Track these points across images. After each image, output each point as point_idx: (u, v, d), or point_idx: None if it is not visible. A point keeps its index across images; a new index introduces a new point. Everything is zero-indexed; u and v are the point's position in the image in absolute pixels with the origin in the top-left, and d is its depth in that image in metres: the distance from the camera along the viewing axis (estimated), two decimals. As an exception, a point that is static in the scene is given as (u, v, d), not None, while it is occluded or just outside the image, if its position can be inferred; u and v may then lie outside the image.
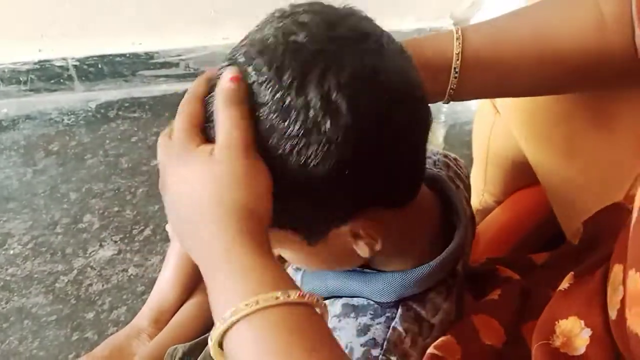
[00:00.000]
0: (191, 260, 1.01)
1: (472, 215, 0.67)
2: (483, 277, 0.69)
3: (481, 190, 0.93)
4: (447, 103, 0.56)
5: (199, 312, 0.95)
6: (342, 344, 0.53)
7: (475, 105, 1.21)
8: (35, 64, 1.43)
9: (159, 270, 1.02)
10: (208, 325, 0.95)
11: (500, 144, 0.80)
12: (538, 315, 0.58)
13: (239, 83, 0.41)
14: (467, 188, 0.68)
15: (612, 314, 0.47)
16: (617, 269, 0.48)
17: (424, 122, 0.46)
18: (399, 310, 0.53)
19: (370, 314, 0.54)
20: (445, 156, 0.68)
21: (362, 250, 0.49)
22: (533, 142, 0.69)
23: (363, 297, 0.55)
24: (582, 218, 0.62)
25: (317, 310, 0.39)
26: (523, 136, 0.70)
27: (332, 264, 0.56)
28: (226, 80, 0.41)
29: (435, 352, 0.53)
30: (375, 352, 0.51)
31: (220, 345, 0.39)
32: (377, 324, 0.53)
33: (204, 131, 0.44)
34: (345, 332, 0.54)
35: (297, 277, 0.63)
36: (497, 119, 0.77)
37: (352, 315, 0.55)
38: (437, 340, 0.55)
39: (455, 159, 0.69)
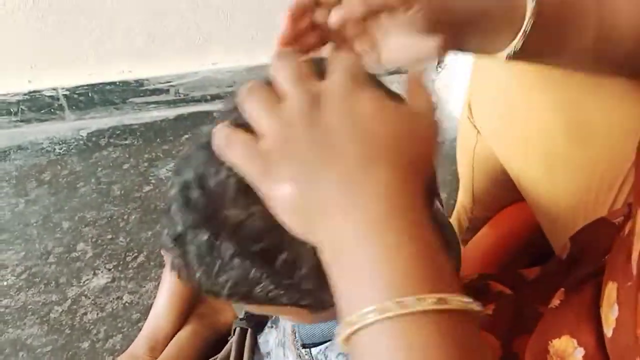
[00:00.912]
0: (186, 285, 1.02)
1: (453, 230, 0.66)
2: (475, 292, 0.69)
3: (470, 208, 0.94)
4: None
5: (195, 339, 0.95)
6: None
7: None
8: (25, 94, 1.44)
9: (154, 297, 1.02)
10: (205, 352, 0.94)
11: (485, 163, 0.81)
12: (529, 330, 0.59)
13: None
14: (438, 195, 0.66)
15: (608, 332, 0.47)
16: (610, 287, 0.47)
17: None
18: None
19: None
20: None
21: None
22: (513, 160, 0.69)
23: None
24: (569, 232, 0.63)
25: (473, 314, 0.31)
26: (502, 155, 0.71)
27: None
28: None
29: None
30: None
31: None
32: None
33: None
34: None
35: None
36: (479, 139, 0.78)
37: None
38: None
39: None
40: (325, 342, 0.58)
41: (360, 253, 0.30)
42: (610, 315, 0.46)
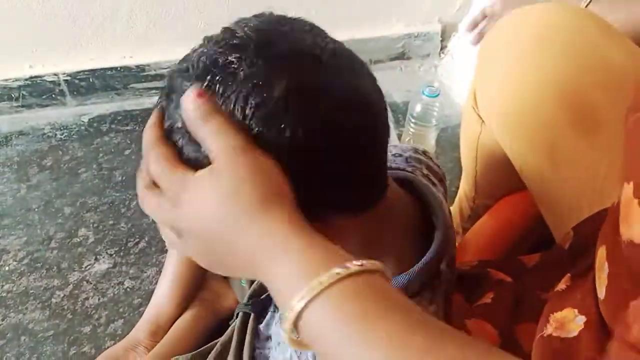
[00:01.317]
0: (188, 271, 1.02)
1: (449, 211, 0.67)
2: (475, 279, 0.69)
3: (472, 197, 0.94)
4: None
5: (196, 324, 0.96)
6: None
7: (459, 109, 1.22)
8: (26, 80, 1.44)
9: (155, 282, 1.03)
10: (206, 337, 0.95)
11: (488, 152, 0.81)
12: (530, 317, 0.59)
13: (205, 96, 0.40)
14: (442, 180, 0.67)
15: (601, 293, 0.48)
16: (601, 251, 0.49)
17: (372, 129, 0.46)
18: None
19: None
20: (416, 151, 0.67)
21: None
22: (518, 150, 0.69)
23: None
24: (572, 222, 0.63)
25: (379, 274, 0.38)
26: (508, 144, 0.70)
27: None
28: (192, 99, 0.40)
29: None
30: None
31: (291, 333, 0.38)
32: None
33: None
34: None
35: None
36: (483, 128, 0.78)
37: None
38: None
39: (424, 152, 0.68)
40: None
41: (273, 272, 0.38)
42: (602, 275, 0.48)
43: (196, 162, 0.42)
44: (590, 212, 0.60)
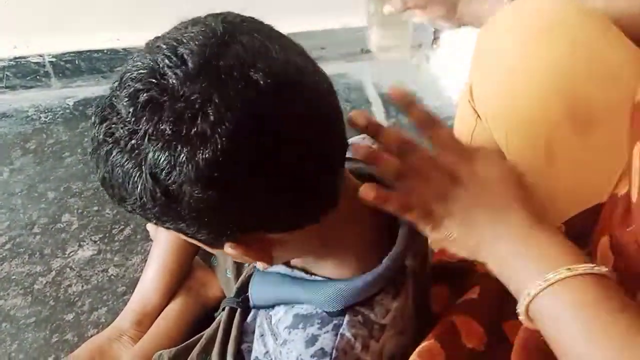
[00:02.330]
0: (175, 260, 1.01)
1: None
2: (460, 271, 0.69)
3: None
4: None
5: (183, 314, 0.95)
6: (294, 356, 0.53)
7: (456, 101, 1.21)
8: (10, 60, 1.41)
9: (141, 271, 1.01)
10: (192, 328, 0.94)
11: (482, 148, 0.81)
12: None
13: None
14: None
15: None
16: (603, 242, 0.51)
17: (320, 149, 0.45)
18: (346, 317, 0.53)
19: (318, 323, 0.54)
20: None
21: (257, 263, 0.50)
22: (513, 146, 0.69)
23: (312, 305, 0.55)
24: (563, 217, 0.63)
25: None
26: (503, 140, 0.70)
27: (239, 260, 0.58)
28: None
29: (417, 359, 0.53)
30: None
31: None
32: (325, 332, 0.53)
33: None
34: (295, 344, 0.54)
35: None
36: (478, 123, 0.78)
37: (301, 326, 0.54)
38: (420, 346, 0.55)
39: None
40: (274, 305, 0.59)
41: (512, 257, 0.47)
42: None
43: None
44: (583, 207, 0.61)
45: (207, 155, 0.40)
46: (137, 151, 0.41)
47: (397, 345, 0.56)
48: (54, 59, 1.43)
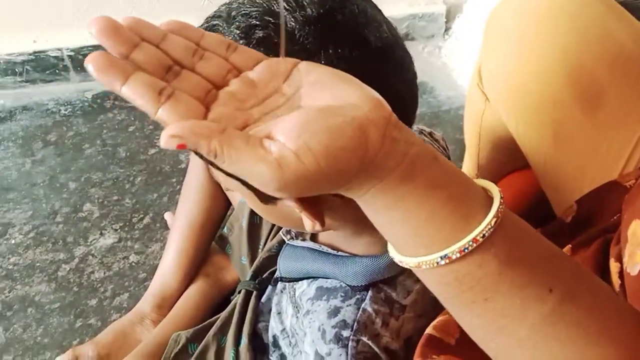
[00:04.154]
0: (192, 245, 1.03)
1: None
2: None
3: (474, 175, 0.95)
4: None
5: (201, 298, 0.97)
6: (315, 326, 0.55)
7: (465, 90, 1.22)
8: (30, 54, 1.44)
9: (160, 257, 1.04)
10: (209, 311, 0.97)
11: (491, 130, 0.82)
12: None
13: None
14: None
15: (634, 270, 0.48)
16: (635, 226, 0.49)
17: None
18: (370, 292, 0.55)
19: (341, 296, 0.55)
20: (421, 132, 0.68)
21: (306, 224, 0.50)
22: (522, 127, 0.70)
23: (337, 280, 0.57)
24: (573, 198, 0.64)
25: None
26: (512, 121, 0.71)
27: (282, 223, 0.58)
28: None
29: (433, 333, 0.54)
30: (345, 333, 0.53)
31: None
32: (347, 305, 0.55)
33: None
34: (317, 314, 0.55)
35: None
36: (487, 106, 0.79)
37: (324, 298, 0.56)
38: (435, 320, 0.56)
39: (430, 134, 0.69)
40: (300, 279, 0.60)
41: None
42: (638, 252, 0.47)
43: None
44: (593, 185, 0.61)
45: None
46: None
47: (415, 327, 0.58)
48: (72, 53, 1.45)
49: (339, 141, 0.30)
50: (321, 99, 0.33)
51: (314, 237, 0.62)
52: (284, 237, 0.63)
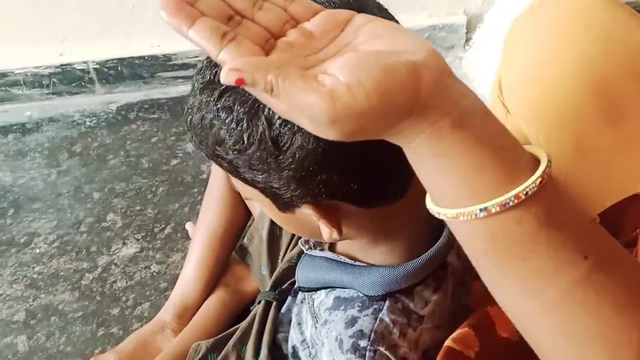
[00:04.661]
0: (213, 255, 1.04)
1: None
2: None
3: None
4: None
5: (221, 308, 0.98)
6: (333, 336, 0.55)
7: (486, 102, 1.21)
8: (57, 67, 1.47)
9: (181, 267, 1.05)
10: (229, 321, 0.97)
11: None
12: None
13: None
14: None
15: None
16: None
17: None
18: (387, 302, 0.55)
19: (359, 306, 0.55)
20: None
21: (323, 232, 0.50)
22: (543, 139, 0.69)
23: (354, 289, 0.57)
24: (595, 211, 0.63)
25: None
26: (533, 133, 0.71)
27: (300, 231, 0.58)
28: None
29: (453, 345, 0.54)
30: (362, 343, 0.53)
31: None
32: (365, 315, 0.55)
33: None
34: (335, 324, 0.56)
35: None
36: (507, 118, 0.78)
37: (342, 308, 0.56)
38: (455, 333, 0.56)
39: None
40: (318, 289, 0.60)
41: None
42: None
43: None
44: (616, 199, 0.61)
45: None
46: None
47: (432, 339, 0.58)
48: (97, 66, 1.48)
49: (391, 77, 0.31)
50: (377, 48, 0.33)
51: (332, 247, 0.62)
52: (302, 247, 0.63)
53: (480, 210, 0.33)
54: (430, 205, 0.38)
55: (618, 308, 0.34)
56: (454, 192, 0.35)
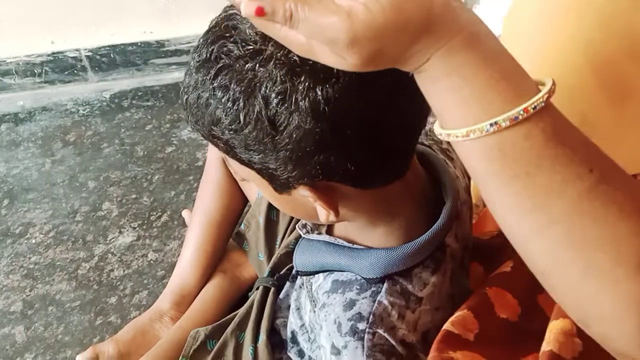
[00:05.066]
0: (210, 242, 1.04)
1: (468, 187, 0.67)
2: (493, 249, 0.69)
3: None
4: None
5: (219, 294, 0.97)
6: (331, 319, 0.54)
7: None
8: (48, 55, 1.45)
9: (178, 255, 1.04)
10: (228, 308, 0.97)
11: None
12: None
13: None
14: None
15: None
16: None
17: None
18: (385, 284, 0.54)
19: (357, 288, 0.55)
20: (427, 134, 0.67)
21: (320, 214, 0.50)
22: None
23: (352, 272, 0.56)
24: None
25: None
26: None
27: (296, 213, 0.57)
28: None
29: (451, 328, 0.53)
30: (361, 325, 0.53)
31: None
32: (363, 298, 0.54)
33: None
34: (333, 307, 0.55)
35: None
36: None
37: (340, 290, 0.56)
38: (454, 316, 0.55)
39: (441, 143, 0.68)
40: (316, 272, 0.60)
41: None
42: None
43: None
44: None
45: (327, 90, 0.41)
46: (253, 72, 0.41)
47: (432, 321, 0.57)
48: (90, 54, 1.46)
49: None
50: None
51: (329, 231, 0.62)
52: (299, 231, 0.62)
53: (491, 125, 0.35)
54: (439, 130, 0.38)
55: (624, 213, 0.35)
56: (463, 111, 0.36)
